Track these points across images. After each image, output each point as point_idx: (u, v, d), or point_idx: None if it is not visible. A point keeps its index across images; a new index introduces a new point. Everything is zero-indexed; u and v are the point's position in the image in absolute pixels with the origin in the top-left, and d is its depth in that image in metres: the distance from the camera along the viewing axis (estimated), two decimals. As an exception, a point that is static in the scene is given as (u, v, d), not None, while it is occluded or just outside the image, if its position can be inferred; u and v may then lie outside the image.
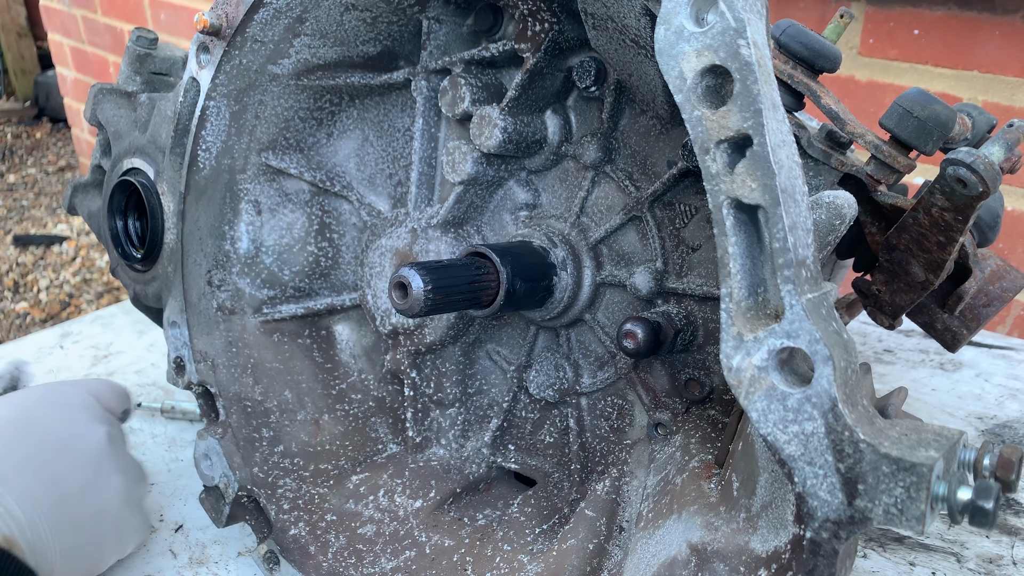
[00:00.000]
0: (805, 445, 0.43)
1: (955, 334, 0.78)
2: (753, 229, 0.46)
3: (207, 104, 0.81)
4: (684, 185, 0.72)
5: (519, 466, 0.86)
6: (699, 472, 0.62)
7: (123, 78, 0.99)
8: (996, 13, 1.31)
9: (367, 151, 0.90)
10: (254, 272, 0.89)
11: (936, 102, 0.65)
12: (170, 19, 2.92)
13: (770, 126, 0.45)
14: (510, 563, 0.74)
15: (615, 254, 0.77)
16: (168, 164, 0.85)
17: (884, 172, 0.67)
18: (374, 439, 0.90)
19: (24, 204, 4.36)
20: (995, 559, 0.83)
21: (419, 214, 0.83)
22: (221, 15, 0.77)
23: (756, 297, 0.46)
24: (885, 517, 0.42)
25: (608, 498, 0.72)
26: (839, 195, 0.55)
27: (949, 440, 0.43)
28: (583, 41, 0.72)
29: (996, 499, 0.41)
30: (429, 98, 0.82)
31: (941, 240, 0.64)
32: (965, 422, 1.09)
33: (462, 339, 0.85)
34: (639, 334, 0.68)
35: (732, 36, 0.45)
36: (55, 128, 5.29)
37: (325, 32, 0.79)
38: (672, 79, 0.47)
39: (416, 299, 0.64)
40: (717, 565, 0.53)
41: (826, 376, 0.42)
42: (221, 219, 0.87)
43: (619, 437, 0.79)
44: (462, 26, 0.81)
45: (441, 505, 0.83)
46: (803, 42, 0.67)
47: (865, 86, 1.49)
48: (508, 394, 0.85)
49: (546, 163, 0.80)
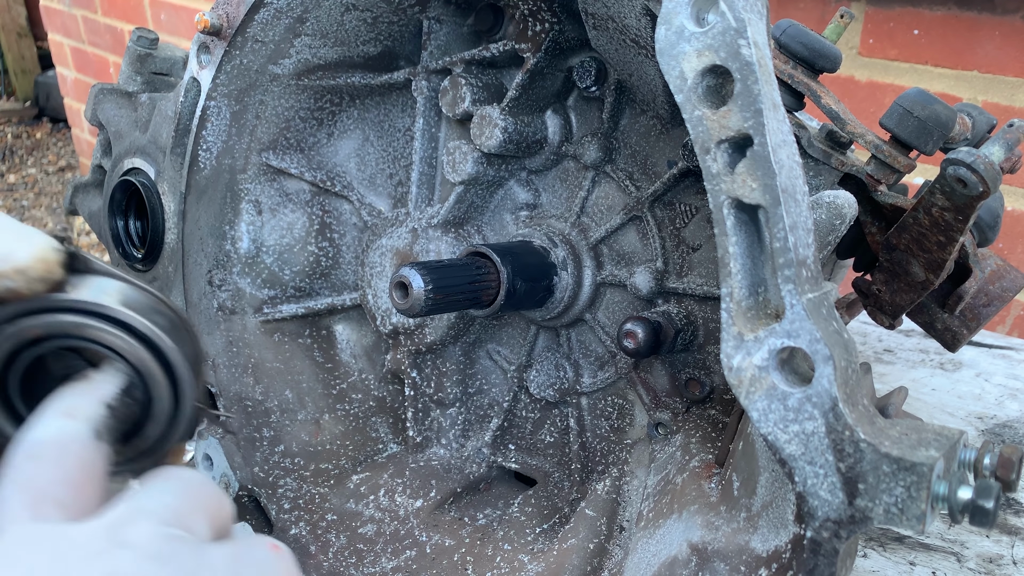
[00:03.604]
0: (806, 445, 0.43)
1: (955, 334, 0.78)
2: (754, 229, 0.46)
3: (208, 104, 0.81)
4: (684, 185, 0.72)
5: (519, 466, 0.86)
6: (699, 472, 0.62)
7: (124, 78, 0.99)
8: (996, 13, 1.31)
9: (367, 151, 0.90)
10: (255, 272, 0.89)
11: (936, 102, 0.65)
12: (170, 19, 2.92)
13: (771, 126, 0.45)
14: (510, 563, 0.74)
15: (615, 254, 0.77)
16: (169, 164, 0.85)
17: (884, 172, 0.67)
18: (374, 439, 0.90)
19: (24, 204, 4.36)
20: (995, 559, 0.83)
21: (419, 214, 0.83)
22: (222, 15, 0.77)
23: (757, 297, 0.46)
24: (886, 516, 0.42)
25: (608, 498, 0.72)
26: (839, 195, 0.55)
27: (949, 440, 0.43)
28: (583, 41, 0.72)
29: (996, 498, 0.41)
30: (430, 98, 0.82)
31: (941, 240, 0.64)
32: (965, 422, 1.09)
33: (462, 339, 0.85)
34: (639, 334, 0.68)
35: (733, 36, 0.45)
36: (55, 128, 5.29)
37: (326, 32, 0.79)
38: (673, 79, 0.47)
39: (417, 299, 0.64)
40: (718, 564, 0.53)
41: (826, 376, 0.43)
42: (222, 219, 0.87)
43: (619, 437, 0.79)
44: (463, 26, 0.81)
45: (441, 505, 0.83)
46: (803, 42, 0.67)
47: (865, 86, 1.49)
48: (508, 394, 0.85)
49: (546, 163, 0.80)
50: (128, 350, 0.42)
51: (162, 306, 0.45)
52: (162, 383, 0.43)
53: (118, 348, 0.42)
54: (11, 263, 0.40)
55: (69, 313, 0.41)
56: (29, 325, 0.41)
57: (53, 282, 0.41)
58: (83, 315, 0.41)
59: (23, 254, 0.40)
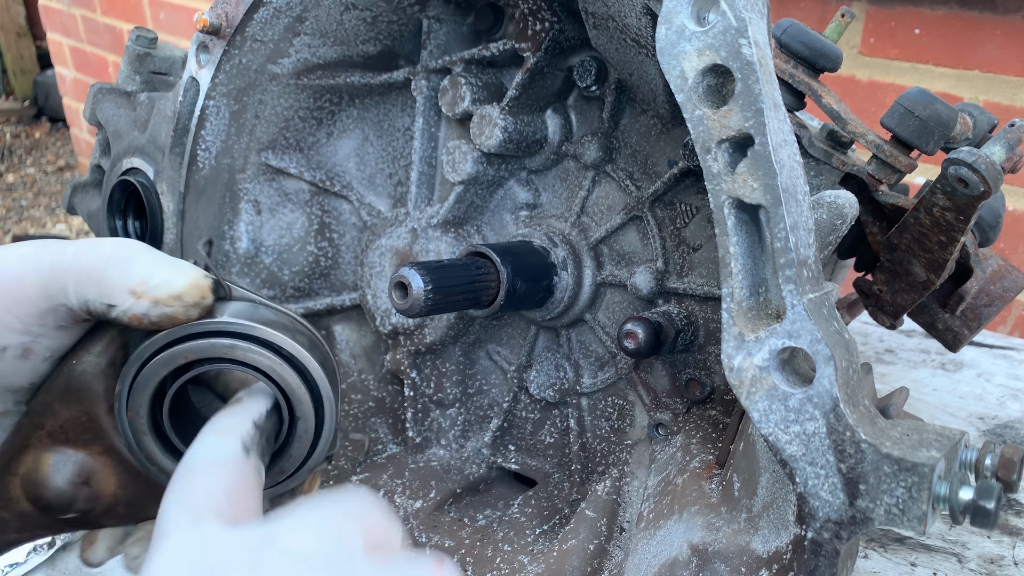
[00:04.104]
0: (807, 445, 0.43)
1: (956, 334, 0.78)
2: (754, 229, 0.46)
3: (207, 103, 0.81)
4: (685, 185, 0.72)
5: (519, 466, 0.86)
6: (700, 472, 0.62)
7: (123, 78, 0.98)
8: (997, 13, 1.31)
9: (367, 151, 0.90)
10: (253, 272, 0.89)
11: (937, 102, 0.65)
12: (169, 18, 2.91)
13: (771, 125, 0.44)
14: (510, 564, 0.74)
15: (616, 254, 0.77)
16: (168, 164, 0.84)
17: (885, 172, 0.67)
18: (374, 439, 0.90)
19: (23, 204, 4.35)
20: (996, 559, 0.83)
21: (419, 214, 0.83)
22: (221, 14, 0.77)
23: (757, 297, 0.46)
24: (887, 517, 0.42)
25: (609, 499, 0.72)
26: (840, 195, 0.55)
27: (950, 440, 0.43)
28: (584, 40, 0.72)
29: (998, 499, 0.41)
30: (429, 97, 0.81)
31: (942, 240, 0.64)
32: (966, 422, 1.09)
33: (462, 339, 0.85)
34: (640, 334, 0.68)
35: (733, 35, 0.44)
36: (54, 128, 5.29)
37: (325, 31, 0.79)
38: (673, 78, 0.47)
39: (416, 299, 0.64)
40: (718, 565, 0.53)
41: (827, 376, 0.42)
42: (221, 219, 0.87)
43: (620, 437, 0.79)
44: (462, 25, 0.80)
45: (441, 506, 0.83)
46: (804, 41, 0.67)
47: (866, 86, 1.49)
48: (508, 394, 0.85)
49: (546, 163, 0.80)
50: (276, 370, 0.43)
51: (300, 326, 0.46)
52: (306, 402, 0.44)
53: (266, 368, 0.43)
54: (168, 290, 0.42)
55: (220, 337, 0.42)
56: (183, 350, 0.42)
57: (206, 307, 0.43)
58: (233, 338, 0.42)
59: (179, 282, 0.42)
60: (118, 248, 0.43)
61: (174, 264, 0.43)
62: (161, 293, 0.41)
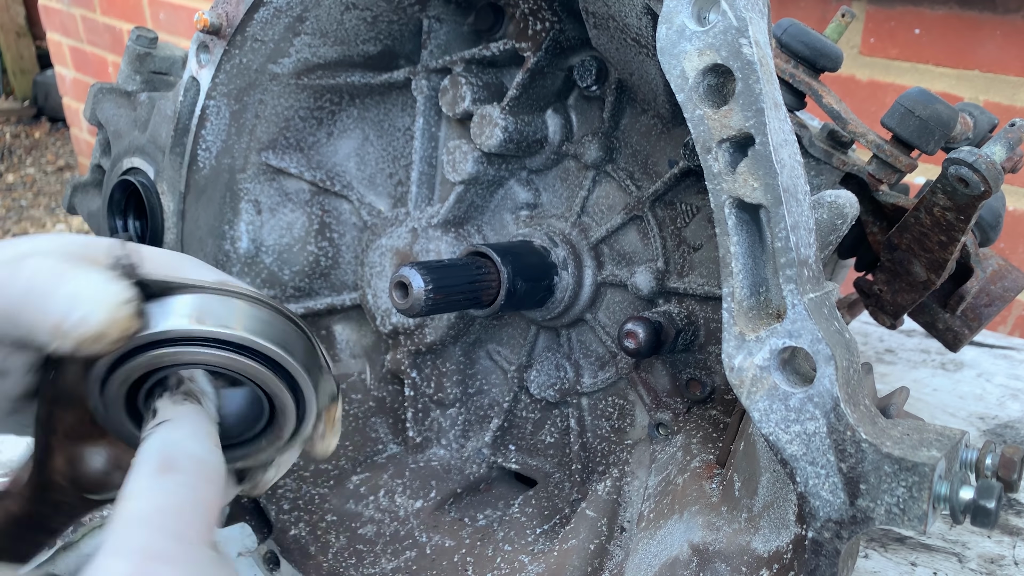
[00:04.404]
0: (807, 445, 0.43)
1: (957, 334, 0.78)
2: (755, 228, 0.46)
3: (207, 103, 0.81)
4: (685, 184, 0.72)
5: (520, 466, 0.86)
6: (701, 472, 0.62)
7: (123, 77, 0.98)
8: (997, 12, 1.31)
9: (367, 150, 0.90)
10: (254, 272, 0.89)
11: (938, 101, 0.65)
12: (169, 18, 2.91)
13: (772, 125, 0.45)
14: (511, 563, 0.74)
15: (616, 254, 0.77)
16: (168, 163, 0.84)
17: (886, 171, 0.67)
18: (374, 439, 0.90)
19: (23, 204, 4.35)
20: (997, 559, 0.83)
21: (419, 213, 0.83)
22: (221, 14, 0.77)
23: (758, 297, 0.46)
24: (887, 517, 0.42)
25: (609, 498, 0.72)
26: (841, 194, 0.55)
27: (951, 440, 0.43)
28: (584, 40, 0.72)
29: (998, 499, 0.41)
30: (430, 97, 0.82)
31: (943, 240, 0.64)
32: (967, 422, 1.09)
33: (462, 339, 0.85)
34: (640, 334, 0.68)
35: (734, 35, 0.44)
36: (54, 128, 5.29)
37: (325, 31, 0.79)
38: (674, 78, 0.47)
39: (417, 299, 0.64)
40: (719, 565, 0.53)
41: (828, 376, 0.42)
42: (221, 219, 0.87)
43: (620, 437, 0.79)
44: (463, 25, 0.80)
45: (442, 505, 0.83)
46: (804, 41, 0.67)
47: (866, 85, 1.49)
48: (509, 394, 0.85)
49: (547, 162, 0.80)
50: (227, 364, 0.43)
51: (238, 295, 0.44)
52: (269, 376, 0.44)
53: (217, 364, 0.43)
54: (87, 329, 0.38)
55: (157, 348, 0.41)
56: (132, 366, 0.42)
57: (134, 332, 0.40)
58: (171, 345, 0.41)
59: (97, 318, 0.38)
60: (35, 276, 0.39)
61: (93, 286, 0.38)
62: (81, 333, 0.38)
